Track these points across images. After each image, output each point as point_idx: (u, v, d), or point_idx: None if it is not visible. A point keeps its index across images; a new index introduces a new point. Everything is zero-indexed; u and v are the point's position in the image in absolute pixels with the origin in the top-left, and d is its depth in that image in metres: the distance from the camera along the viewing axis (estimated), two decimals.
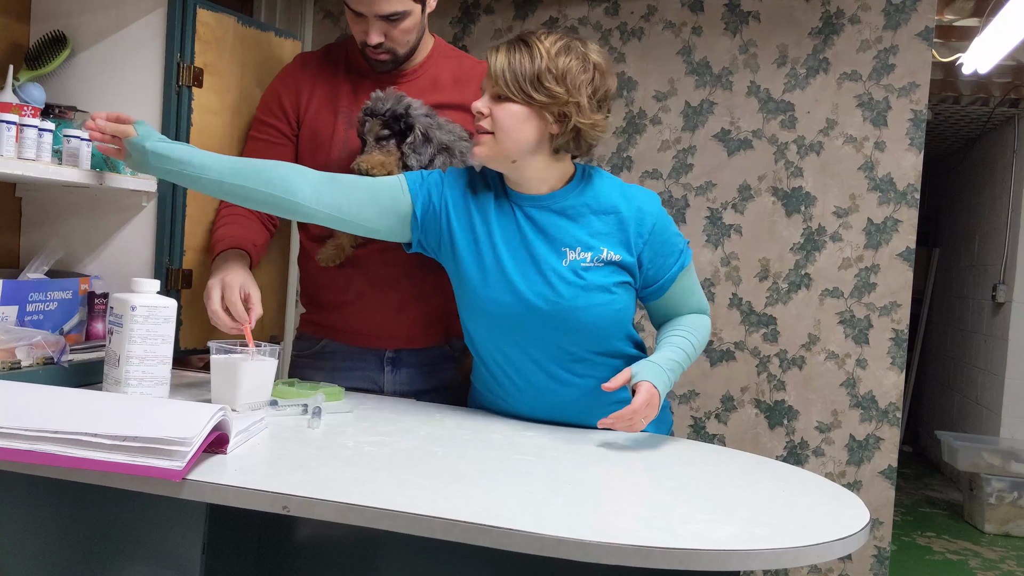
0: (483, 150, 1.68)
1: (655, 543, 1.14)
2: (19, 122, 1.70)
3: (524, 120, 1.65)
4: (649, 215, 1.71)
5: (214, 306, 1.74)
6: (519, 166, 1.70)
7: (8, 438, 1.25)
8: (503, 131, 1.65)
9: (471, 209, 1.75)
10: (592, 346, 1.71)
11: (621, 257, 1.70)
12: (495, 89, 1.65)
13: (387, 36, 1.88)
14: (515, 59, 1.63)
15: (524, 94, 1.63)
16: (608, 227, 1.71)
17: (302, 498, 1.20)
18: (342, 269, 1.97)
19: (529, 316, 1.69)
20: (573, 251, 1.69)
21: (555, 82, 1.62)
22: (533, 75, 1.62)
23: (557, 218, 1.72)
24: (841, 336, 3.10)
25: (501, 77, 1.64)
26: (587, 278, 1.68)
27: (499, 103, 1.65)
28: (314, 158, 1.97)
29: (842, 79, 3.09)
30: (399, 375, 2.02)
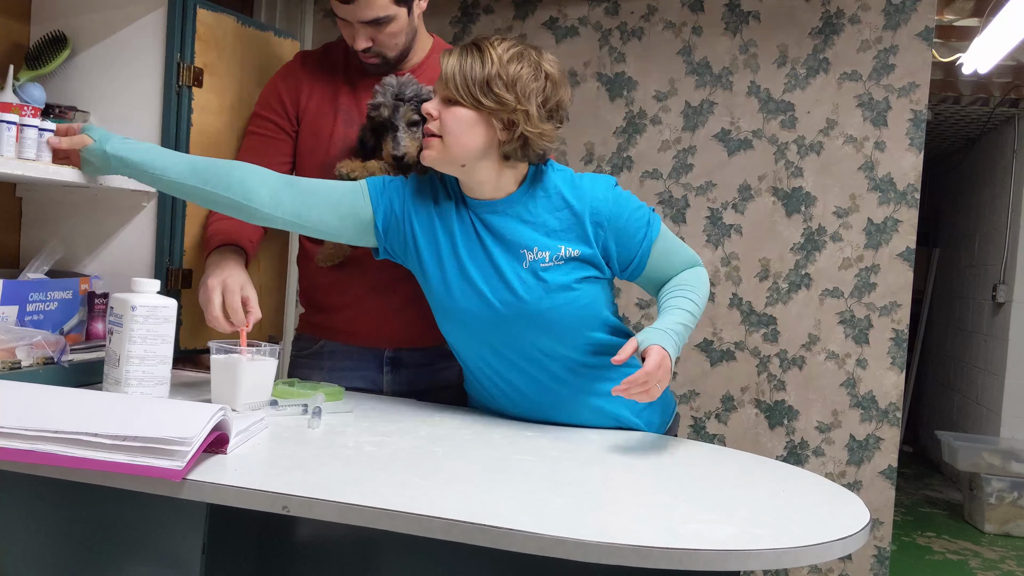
0: (431, 153, 1.67)
1: (655, 543, 1.14)
2: (19, 122, 1.70)
3: (472, 125, 1.63)
4: (602, 203, 1.70)
5: (215, 312, 1.73)
6: (468, 170, 1.68)
7: (8, 438, 1.25)
8: (451, 135, 1.64)
9: (433, 217, 1.74)
10: (565, 344, 1.71)
11: (580, 252, 1.69)
12: (445, 92, 1.64)
13: (374, 40, 1.88)
14: (466, 63, 1.62)
15: (473, 99, 1.62)
16: (563, 223, 1.70)
17: (302, 498, 1.20)
18: (341, 270, 1.97)
19: (497, 321, 1.69)
20: (531, 252, 1.69)
21: (504, 88, 1.61)
22: (483, 80, 1.61)
23: (512, 221, 1.71)
24: (841, 336, 3.10)
25: (452, 80, 1.63)
26: (547, 279, 1.67)
27: (448, 107, 1.64)
28: (313, 155, 1.97)
29: (842, 79, 3.09)
30: (398, 375, 2.02)
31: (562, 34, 3.33)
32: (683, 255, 1.79)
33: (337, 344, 2.03)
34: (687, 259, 1.80)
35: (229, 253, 1.85)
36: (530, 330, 1.69)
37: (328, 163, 1.95)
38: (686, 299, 1.72)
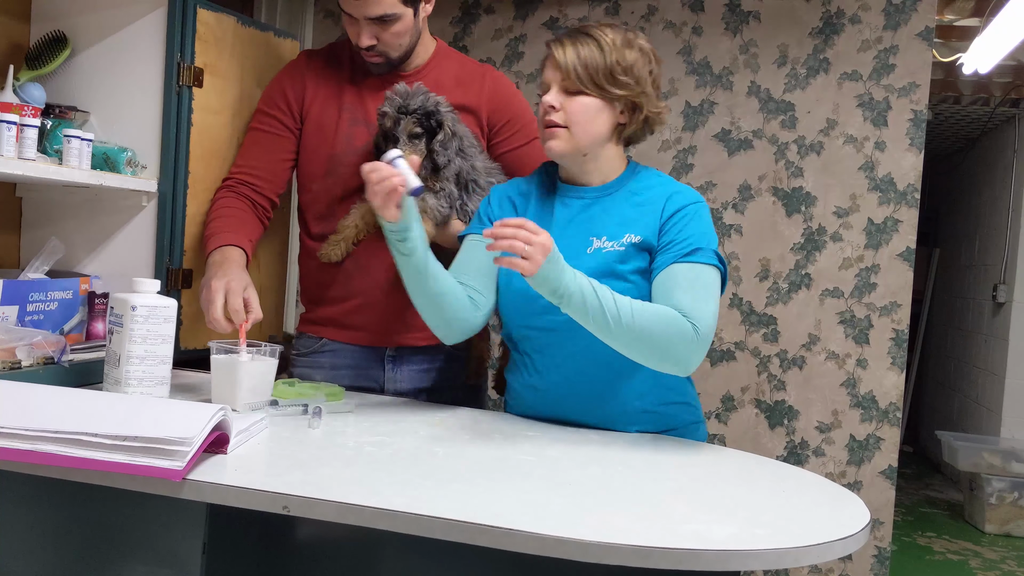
0: (559, 144, 1.69)
1: (655, 543, 1.14)
2: (19, 122, 1.70)
3: (598, 112, 1.68)
4: (678, 200, 1.71)
5: (216, 313, 1.71)
6: (589, 158, 1.73)
7: (9, 438, 1.25)
8: (578, 124, 1.68)
9: (517, 209, 1.79)
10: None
11: (642, 238, 1.68)
12: (566, 83, 1.67)
13: (378, 39, 1.88)
14: (585, 52, 1.66)
15: (598, 87, 1.67)
16: (638, 214, 1.72)
17: (302, 498, 1.20)
18: (343, 267, 1.97)
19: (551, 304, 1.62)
20: (599, 239, 1.70)
21: (625, 74, 1.67)
22: (606, 69, 1.66)
23: (596, 208, 1.74)
24: (841, 336, 3.10)
25: (573, 71, 1.66)
26: (606, 265, 1.68)
27: (571, 97, 1.68)
28: (318, 152, 1.98)
29: (842, 79, 3.09)
30: (400, 374, 2.02)
31: None
32: (690, 299, 1.59)
33: (338, 343, 2.02)
34: (689, 308, 1.58)
35: (231, 253, 1.85)
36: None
37: (333, 159, 1.95)
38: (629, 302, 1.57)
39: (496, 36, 3.39)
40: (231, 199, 1.96)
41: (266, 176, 1.98)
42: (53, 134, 1.88)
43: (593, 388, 1.72)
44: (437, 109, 1.85)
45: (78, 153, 1.82)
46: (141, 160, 1.98)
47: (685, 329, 1.57)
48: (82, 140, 1.83)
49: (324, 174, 1.97)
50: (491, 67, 2.08)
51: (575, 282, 1.54)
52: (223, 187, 1.99)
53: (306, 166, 2.00)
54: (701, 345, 1.58)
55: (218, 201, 1.98)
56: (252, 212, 1.97)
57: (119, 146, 1.95)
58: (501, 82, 2.05)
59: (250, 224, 1.95)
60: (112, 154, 1.92)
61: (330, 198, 1.97)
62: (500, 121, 2.01)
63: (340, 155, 1.95)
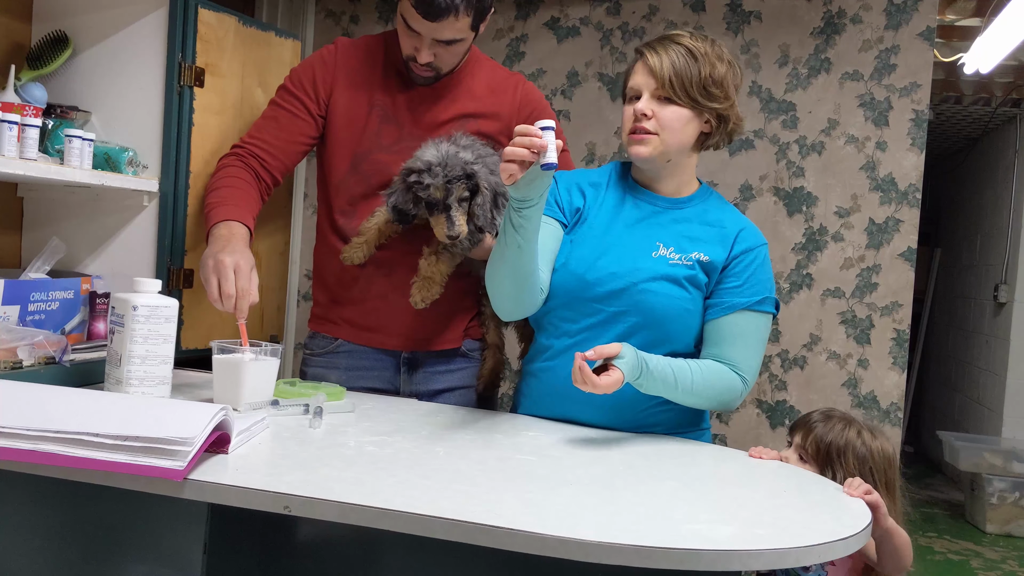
0: (647, 149, 1.72)
1: (656, 543, 1.14)
2: (21, 122, 1.70)
3: (688, 122, 1.72)
4: (752, 240, 1.76)
5: (229, 290, 1.67)
6: (672, 165, 1.76)
7: (10, 438, 1.25)
8: (669, 132, 1.71)
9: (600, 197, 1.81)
10: (656, 338, 1.70)
11: (711, 257, 1.73)
12: (660, 91, 1.70)
13: (437, 56, 1.88)
14: (680, 63, 1.69)
15: (691, 99, 1.70)
16: (708, 235, 1.76)
17: (303, 498, 1.20)
18: (364, 269, 1.96)
19: (601, 291, 1.71)
20: (666, 249, 1.74)
21: (717, 88, 1.71)
22: (700, 82, 1.69)
23: (664, 218, 1.77)
24: (843, 336, 3.10)
25: (668, 82, 1.69)
26: (666, 270, 1.71)
27: (664, 104, 1.71)
28: (344, 146, 1.97)
29: (844, 79, 3.09)
30: (415, 376, 2.02)
31: (564, 34, 3.33)
32: (745, 356, 1.72)
33: (353, 344, 2.02)
34: (742, 361, 1.71)
35: (237, 229, 1.80)
36: (630, 311, 1.70)
37: (358, 155, 1.95)
38: (689, 372, 1.67)
39: (497, 36, 3.39)
40: (239, 169, 1.92)
41: (277, 154, 1.95)
42: (54, 134, 1.88)
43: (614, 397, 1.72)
44: (474, 171, 1.82)
45: (79, 153, 1.82)
46: (142, 160, 1.98)
47: (735, 385, 1.72)
48: (83, 140, 1.83)
49: (348, 169, 1.96)
50: (522, 76, 2.09)
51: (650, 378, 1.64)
52: (231, 154, 1.95)
53: (330, 159, 1.99)
54: (746, 393, 1.76)
55: (225, 168, 1.92)
56: (256, 187, 1.93)
57: (120, 146, 1.95)
58: (532, 93, 2.06)
59: (254, 200, 1.91)
60: (113, 154, 1.93)
61: (351, 195, 1.97)
62: None
63: (365, 152, 1.95)
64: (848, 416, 1.78)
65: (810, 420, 1.77)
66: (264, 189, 1.95)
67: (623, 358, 1.58)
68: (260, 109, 2.08)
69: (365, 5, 3.50)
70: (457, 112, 1.96)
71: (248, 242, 1.81)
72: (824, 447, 1.72)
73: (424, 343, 2.00)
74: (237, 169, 1.91)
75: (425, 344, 2.00)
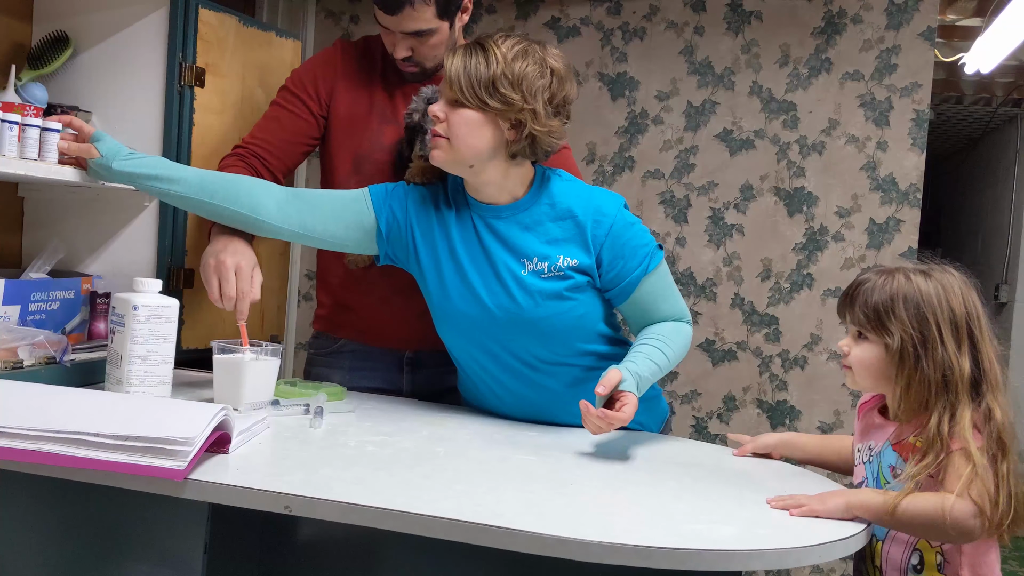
0: (439, 154, 1.66)
1: (657, 543, 1.14)
2: (21, 122, 1.70)
3: (479, 126, 1.63)
4: (607, 216, 1.69)
5: (230, 292, 1.68)
6: (476, 171, 1.68)
7: (10, 438, 1.25)
8: (458, 137, 1.63)
9: (432, 221, 1.74)
10: (559, 352, 1.71)
11: (578, 261, 1.68)
12: (450, 94, 1.63)
13: (414, 51, 1.89)
14: (470, 63, 1.61)
15: (478, 100, 1.61)
16: (566, 232, 1.70)
17: (304, 498, 1.20)
18: (368, 272, 1.97)
19: (492, 325, 1.69)
20: (531, 262, 1.68)
21: (510, 88, 1.60)
22: (488, 81, 1.59)
23: (515, 228, 1.71)
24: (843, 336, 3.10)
25: (456, 82, 1.61)
26: (544, 288, 1.67)
27: (455, 108, 1.63)
28: (344, 148, 1.97)
29: (844, 79, 3.09)
30: (418, 376, 2.02)
31: (564, 34, 3.33)
32: (673, 305, 1.75)
33: (357, 344, 2.02)
34: (676, 311, 1.76)
35: (241, 233, 1.80)
36: (525, 336, 1.69)
37: (359, 157, 1.95)
38: (661, 352, 1.68)
39: None
40: (240, 169, 1.92)
41: (278, 154, 1.96)
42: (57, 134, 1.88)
43: (544, 399, 1.76)
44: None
45: None
46: None
47: (687, 331, 1.77)
48: None
49: (350, 171, 1.97)
50: None
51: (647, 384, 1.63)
52: (233, 154, 1.95)
53: (331, 160, 2.00)
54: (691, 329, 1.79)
55: (227, 169, 1.92)
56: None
57: None
58: None
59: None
60: None
61: None
62: None
63: (367, 153, 1.95)
64: (896, 265, 1.48)
65: (851, 287, 1.49)
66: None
67: (625, 380, 1.58)
68: (261, 109, 2.08)
69: (365, 5, 3.50)
70: None
71: (250, 241, 1.81)
72: (872, 312, 1.42)
73: (427, 343, 2.00)
74: (239, 169, 1.91)
75: (428, 344, 2.00)
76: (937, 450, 1.33)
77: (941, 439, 1.34)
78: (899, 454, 1.40)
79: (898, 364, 1.40)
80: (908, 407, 1.40)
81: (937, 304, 1.39)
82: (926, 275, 1.42)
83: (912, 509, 1.30)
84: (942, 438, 1.34)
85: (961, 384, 1.37)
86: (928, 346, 1.38)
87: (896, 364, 1.40)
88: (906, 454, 1.39)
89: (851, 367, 1.48)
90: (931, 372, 1.37)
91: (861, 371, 1.46)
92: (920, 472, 1.33)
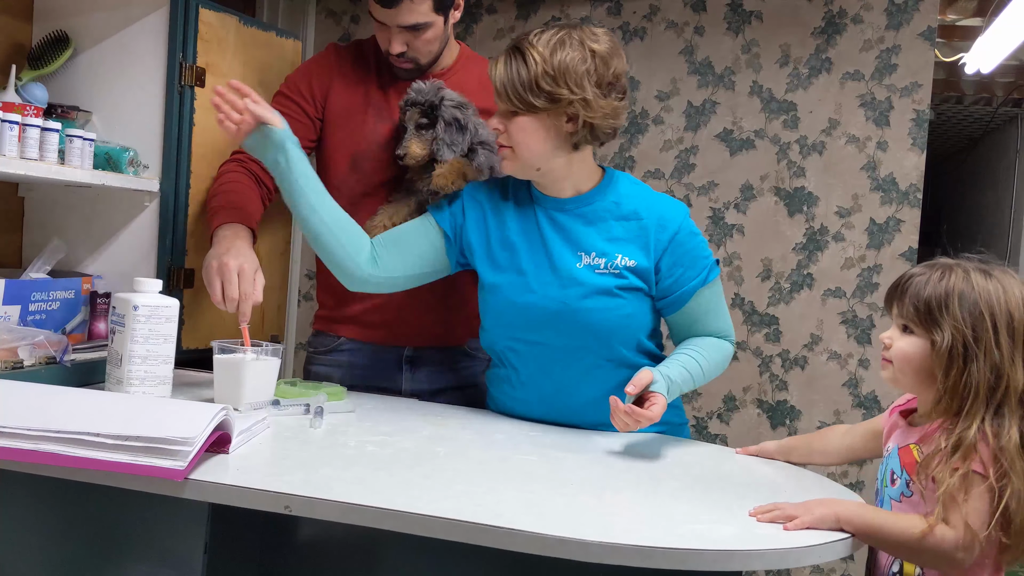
0: (508, 165, 1.71)
1: (657, 543, 1.14)
2: (22, 122, 1.70)
3: (535, 130, 1.64)
4: (672, 222, 1.70)
5: (232, 294, 1.69)
6: (544, 171, 1.71)
7: (11, 437, 1.25)
8: (520, 145, 1.66)
9: (486, 211, 1.77)
10: (599, 350, 1.70)
11: (637, 262, 1.68)
12: (502, 105, 1.66)
13: (409, 46, 1.89)
14: (512, 70, 1.62)
15: (527, 104, 1.62)
16: (628, 232, 1.70)
17: (304, 498, 1.20)
18: None
19: (538, 316, 1.69)
20: (588, 256, 1.70)
21: (554, 83, 1.60)
22: (530, 82, 1.60)
23: (577, 222, 1.72)
24: (843, 336, 3.10)
25: (503, 92, 1.64)
26: (596, 282, 1.68)
27: (510, 118, 1.66)
28: (340, 148, 1.98)
29: (844, 79, 3.09)
30: (417, 374, 2.03)
31: None
32: (721, 322, 1.76)
33: (356, 342, 2.03)
34: (722, 328, 1.77)
35: (241, 231, 1.82)
36: (568, 329, 1.69)
37: (356, 155, 1.96)
38: (696, 363, 1.69)
39: (498, 36, 3.39)
40: (240, 175, 1.93)
41: None
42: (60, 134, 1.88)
43: (575, 398, 1.74)
44: (440, 103, 1.85)
45: (80, 153, 1.82)
46: (143, 160, 1.98)
47: (728, 350, 1.78)
48: (84, 140, 1.83)
49: (347, 170, 1.98)
50: None
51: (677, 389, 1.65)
52: (232, 160, 1.96)
53: (329, 160, 2.00)
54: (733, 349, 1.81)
55: (227, 174, 1.94)
56: (257, 191, 1.94)
57: (121, 146, 1.95)
58: None
59: (256, 204, 1.92)
60: (114, 154, 1.93)
61: (352, 194, 1.97)
62: None
63: (364, 152, 1.96)
64: (955, 260, 1.38)
65: (902, 278, 1.40)
66: (265, 194, 1.97)
67: (656, 382, 1.59)
68: None
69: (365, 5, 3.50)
70: None
71: (252, 244, 1.82)
72: (924, 306, 1.34)
73: (427, 341, 2.00)
74: (238, 174, 1.93)
75: (428, 342, 2.01)
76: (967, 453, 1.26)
77: (975, 447, 1.26)
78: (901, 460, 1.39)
79: (946, 363, 1.31)
80: (945, 408, 1.33)
81: (996, 304, 1.31)
82: (986, 274, 1.34)
83: (895, 533, 1.26)
84: (975, 445, 1.26)
85: (1013, 393, 1.28)
86: (981, 347, 1.29)
87: (943, 363, 1.31)
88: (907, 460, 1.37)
89: (892, 360, 1.39)
90: (979, 375, 1.29)
91: (902, 365, 1.38)
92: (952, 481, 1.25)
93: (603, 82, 1.63)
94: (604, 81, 1.64)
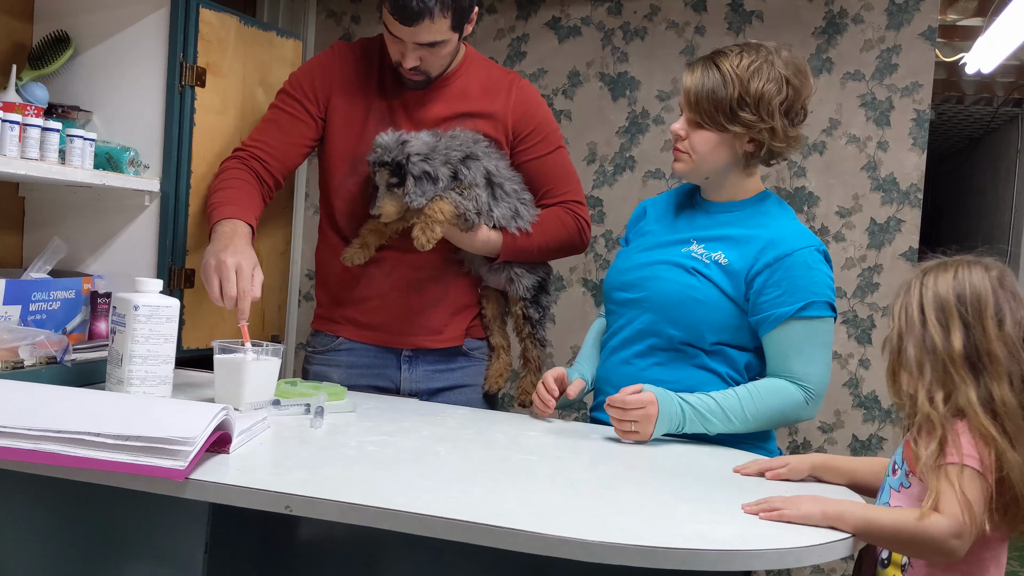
0: (681, 166, 1.75)
1: (658, 543, 1.14)
2: (22, 122, 1.70)
3: (717, 146, 1.70)
4: (786, 244, 1.68)
5: (230, 291, 1.68)
6: (712, 181, 1.77)
7: (11, 437, 1.25)
8: (698, 155, 1.71)
9: (662, 214, 1.88)
10: (662, 321, 1.72)
11: (730, 261, 1.70)
12: (690, 115, 1.69)
13: (423, 60, 1.89)
14: (707, 84, 1.66)
15: (718, 124, 1.66)
16: (740, 238, 1.72)
17: (304, 498, 1.20)
18: (366, 269, 1.97)
19: (624, 283, 1.79)
20: (698, 245, 1.74)
21: (748, 111, 1.65)
22: (726, 105, 1.64)
23: (709, 220, 1.77)
24: (844, 336, 3.10)
25: (695, 104, 1.67)
26: (682, 260, 1.73)
27: (695, 128, 1.70)
28: (341, 149, 1.98)
29: (845, 79, 3.09)
30: (416, 374, 2.03)
31: (565, 34, 3.33)
32: (803, 366, 1.67)
33: (355, 342, 2.03)
34: (803, 373, 1.67)
35: (241, 228, 1.81)
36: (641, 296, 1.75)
37: (356, 158, 1.96)
38: (738, 401, 1.66)
39: (498, 36, 3.39)
40: (241, 171, 1.93)
41: (278, 156, 1.96)
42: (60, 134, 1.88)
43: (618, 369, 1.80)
44: (408, 161, 1.84)
45: (81, 153, 1.82)
46: (143, 160, 1.99)
47: (796, 400, 1.68)
48: (85, 140, 1.83)
49: (347, 172, 1.98)
50: (518, 75, 2.09)
51: (691, 422, 1.65)
52: (233, 157, 1.96)
53: (329, 161, 2.00)
54: (814, 404, 1.70)
55: (228, 171, 1.94)
56: (258, 188, 1.94)
57: (122, 146, 1.95)
58: (527, 91, 2.05)
59: (256, 201, 1.92)
60: (115, 154, 1.93)
61: (351, 196, 1.98)
62: (525, 130, 2.01)
63: (364, 154, 1.96)
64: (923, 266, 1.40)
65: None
66: (266, 192, 1.97)
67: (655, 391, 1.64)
68: (261, 109, 2.09)
69: (366, 5, 3.50)
70: (452, 112, 1.97)
71: (250, 241, 1.81)
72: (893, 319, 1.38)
73: (425, 341, 2.00)
74: (239, 171, 1.92)
75: (426, 342, 2.01)
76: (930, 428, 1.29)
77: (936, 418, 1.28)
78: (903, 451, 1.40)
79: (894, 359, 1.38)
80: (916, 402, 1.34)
81: (921, 290, 1.36)
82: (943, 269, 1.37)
83: (888, 525, 1.27)
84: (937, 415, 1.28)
85: (951, 362, 1.30)
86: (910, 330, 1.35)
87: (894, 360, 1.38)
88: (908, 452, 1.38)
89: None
90: (912, 353, 1.33)
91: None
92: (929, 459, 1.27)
93: (791, 111, 1.69)
94: (792, 110, 1.69)
